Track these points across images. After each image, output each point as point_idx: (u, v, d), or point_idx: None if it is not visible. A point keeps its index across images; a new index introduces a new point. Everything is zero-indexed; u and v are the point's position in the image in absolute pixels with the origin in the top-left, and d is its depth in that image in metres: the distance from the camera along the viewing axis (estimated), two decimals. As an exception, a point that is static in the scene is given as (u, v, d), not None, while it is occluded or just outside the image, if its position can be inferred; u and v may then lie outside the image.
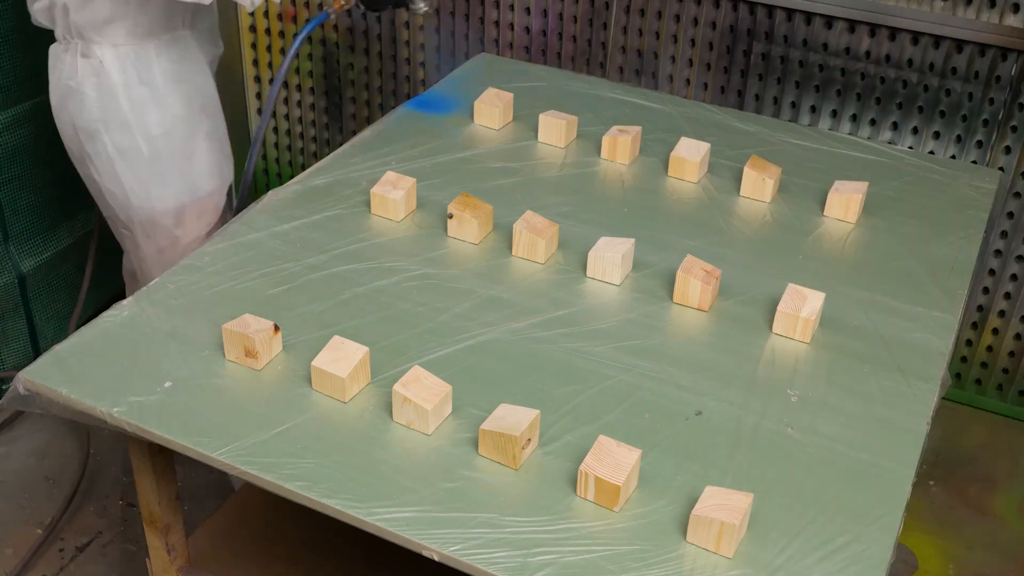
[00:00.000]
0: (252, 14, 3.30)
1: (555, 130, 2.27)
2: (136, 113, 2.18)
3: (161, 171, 2.25)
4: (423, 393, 1.52)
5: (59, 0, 2.12)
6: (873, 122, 2.71)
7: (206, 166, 2.32)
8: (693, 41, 2.80)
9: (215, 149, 2.34)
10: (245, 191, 2.32)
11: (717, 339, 1.75)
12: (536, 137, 2.30)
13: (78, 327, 1.95)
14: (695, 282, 1.79)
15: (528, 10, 2.94)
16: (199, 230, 2.33)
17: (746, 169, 2.13)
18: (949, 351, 1.75)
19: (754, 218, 2.07)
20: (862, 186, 2.08)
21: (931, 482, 2.73)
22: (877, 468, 1.52)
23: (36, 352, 2.82)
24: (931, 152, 2.67)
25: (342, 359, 1.58)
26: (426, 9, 2.29)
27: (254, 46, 3.38)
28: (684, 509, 1.41)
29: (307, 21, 2.29)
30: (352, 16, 3.18)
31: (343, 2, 2.21)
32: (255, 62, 3.41)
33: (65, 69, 2.18)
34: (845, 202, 2.05)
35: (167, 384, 1.60)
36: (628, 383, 1.65)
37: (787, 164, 2.22)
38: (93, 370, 1.62)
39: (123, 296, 1.87)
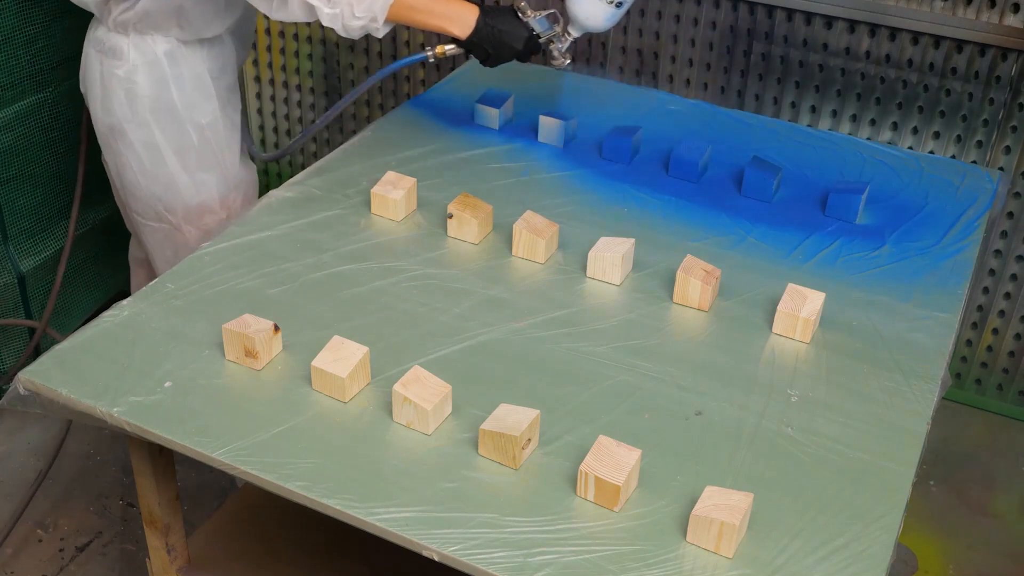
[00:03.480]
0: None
1: (555, 131, 2.27)
2: (187, 104, 2.24)
3: (207, 160, 2.31)
4: (423, 393, 1.52)
5: None
6: (873, 122, 2.71)
7: (239, 155, 2.40)
8: (693, 41, 2.80)
9: (245, 139, 2.44)
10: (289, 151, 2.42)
11: (717, 339, 1.75)
12: (536, 138, 2.30)
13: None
14: (695, 282, 1.79)
15: (528, 10, 2.94)
16: (244, 209, 2.41)
17: (747, 170, 2.13)
18: (949, 351, 1.75)
19: (755, 217, 2.07)
20: (864, 186, 2.09)
21: (931, 482, 2.73)
22: (877, 468, 1.52)
23: (36, 352, 2.82)
24: (931, 152, 2.67)
25: (342, 359, 1.58)
26: (567, 63, 2.12)
27: (254, 46, 3.38)
28: (684, 509, 1.41)
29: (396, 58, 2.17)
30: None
31: (447, 50, 2.09)
32: (255, 62, 3.41)
33: (112, 60, 2.22)
34: (848, 201, 2.06)
35: (167, 384, 1.60)
36: (628, 383, 1.65)
37: (787, 164, 2.22)
38: (93, 370, 1.62)
39: (122, 297, 1.87)
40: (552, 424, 1.55)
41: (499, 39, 2.04)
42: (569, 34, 2.10)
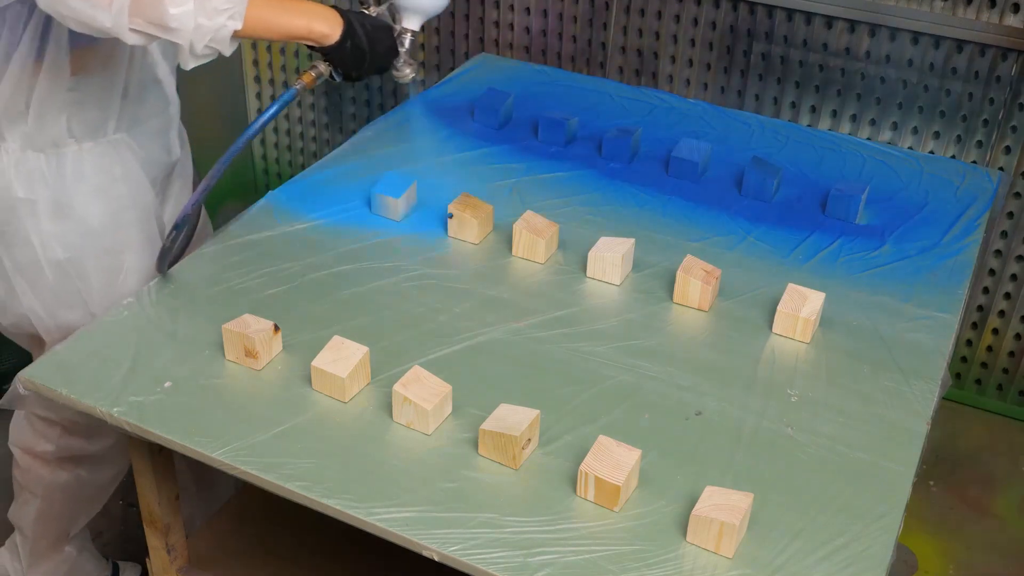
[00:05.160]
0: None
1: (555, 130, 2.27)
2: (39, 233, 1.79)
3: (71, 294, 1.88)
4: (423, 393, 1.52)
5: None
6: (873, 122, 2.71)
7: (135, 281, 1.92)
8: (693, 41, 2.80)
9: (147, 258, 1.92)
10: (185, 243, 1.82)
11: (717, 339, 1.75)
12: (536, 138, 2.30)
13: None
14: (695, 282, 1.79)
15: (528, 10, 2.94)
16: None
17: (747, 170, 2.13)
18: (949, 351, 1.75)
19: (755, 217, 2.07)
20: (864, 186, 2.09)
21: (931, 482, 2.73)
22: (877, 468, 1.52)
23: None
24: (931, 152, 2.67)
25: (342, 359, 1.58)
26: (412, 76, 1.96)
27: (254, 46, 3.38)
28: (684, 509, 1.41)
29: (273, 100, 1.73)
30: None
31: (314, 76, 1.78)
32: (255, 62, 3.41)
33: None
34: (848, 201, 2.05)
35: (167, 384, 1.60)
36: (628, 383, 1.65)
37: (787, 164, 2.22)
38: (93, 370, 1.62)
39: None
40: (552, 424, 1.55)
41: (372, 33, 1.69)
42: (407, 29, 1.82)
